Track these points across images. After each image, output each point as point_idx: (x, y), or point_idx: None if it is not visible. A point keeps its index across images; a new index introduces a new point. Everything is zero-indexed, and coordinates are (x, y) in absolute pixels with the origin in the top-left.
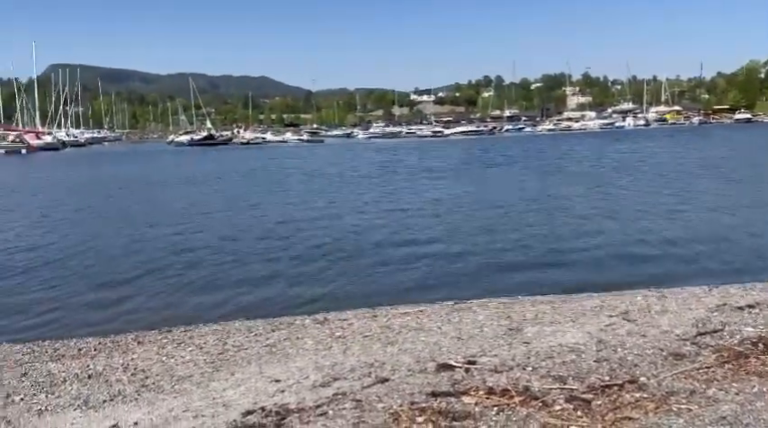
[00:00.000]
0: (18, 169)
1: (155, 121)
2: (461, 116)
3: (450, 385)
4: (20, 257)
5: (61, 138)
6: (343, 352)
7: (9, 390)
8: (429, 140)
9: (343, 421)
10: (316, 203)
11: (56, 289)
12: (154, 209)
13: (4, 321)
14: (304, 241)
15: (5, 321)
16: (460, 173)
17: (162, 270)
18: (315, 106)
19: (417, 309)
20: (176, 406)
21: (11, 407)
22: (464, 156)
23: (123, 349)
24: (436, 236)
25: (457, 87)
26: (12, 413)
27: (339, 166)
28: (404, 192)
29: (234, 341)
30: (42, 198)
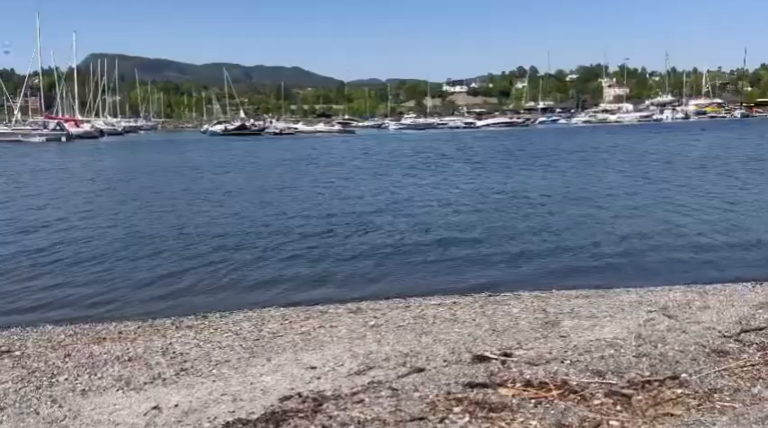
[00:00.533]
0: (61, 156)
1: (189, 111)
2: (494, 107)
3: (486, 376)
4: (66, 242)
5: (99, 126)
6: (377, 341)
7: (54, 370)
8: (461, 132)
9: (379, 408)
10: (350, 192)
11: (97, 273)
12: (197, 197)
13: (48, 303)
14: (339, 230)
15: (49, 303)
16: (496, 163)
17: (199, 256)
18: (346, 97)
19: (451, 301)
20: (215, 390)
21: (56, 387)
22: (497, 147)
23: (162, 333)
24: (470, 227)
25: (490, 78)
26: (57, 392)
27: (374, 156)
28: (438, 183)
29: (269, 328)
30: (92, 184)
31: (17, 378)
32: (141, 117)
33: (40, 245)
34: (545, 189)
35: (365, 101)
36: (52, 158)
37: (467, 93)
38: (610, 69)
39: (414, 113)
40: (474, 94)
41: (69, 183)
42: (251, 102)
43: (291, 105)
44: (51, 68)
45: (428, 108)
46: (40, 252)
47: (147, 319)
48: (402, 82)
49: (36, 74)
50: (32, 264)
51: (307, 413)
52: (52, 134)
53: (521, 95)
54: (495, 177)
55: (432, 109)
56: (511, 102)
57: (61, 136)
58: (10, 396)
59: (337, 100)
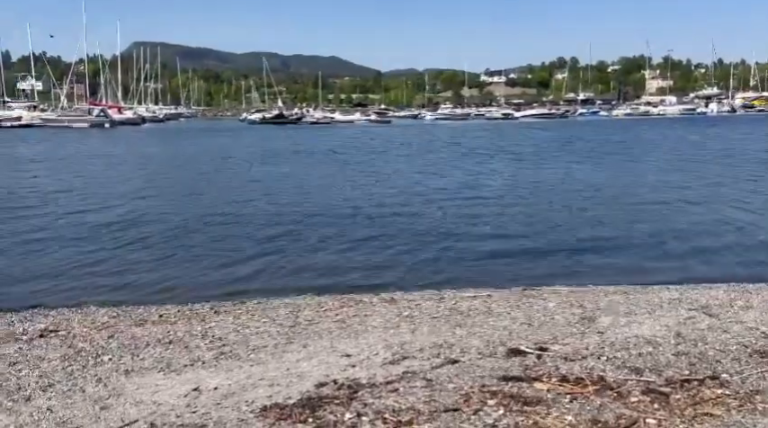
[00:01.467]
0: (106, 143)
1: (228, 99)
2: (533, 98)
3: (521, 370)
4: (111, 227)
5: (141, 113)
6: (411, 331)
7: (98, 350)
8: (498, 123)
9: (414, 398)
10: (387, 183)
11: (138, 256)
12: (243, 184)
13: (92, 285)
14: (374, 220)
15: (93, 285)
16: (538, 155)
17: (238, 243)
18: (383, 86)
19: (485, 294)
20: (253, 374)
21: (101, 367)
22: (537, 138)
23: (201, 317)
24: (507, 220)
25: (529, 69)
26: (102, 371)
27: (410, 146)
28: (477, 175)
29: (305, 315)
30: (139, 170)
31: (64, 357)
32: (182, 104)
33: (85, 230)
34: (585, 183)
35: (402, 91)
36: (97, 144)
37: (505, 84)
38: (653, 61)
39: (451, 104)
40: (512, 85)
41: (117, 169)
42: (289, 91)
43: (328, 94)
44: (96, 56)
45: (465, 98)
46: (85, 236)
47: (187, 303)
48: (439, 72)
49: (81, 61)
50: (77, 248)
51: (342, 399)
52: (96, 120)
53: (561, 86)
54: (536, 169)
55: (469, 99)
56: (550, 94)
57: (105, 122)
58: (58, 374)
59: (374, 89)
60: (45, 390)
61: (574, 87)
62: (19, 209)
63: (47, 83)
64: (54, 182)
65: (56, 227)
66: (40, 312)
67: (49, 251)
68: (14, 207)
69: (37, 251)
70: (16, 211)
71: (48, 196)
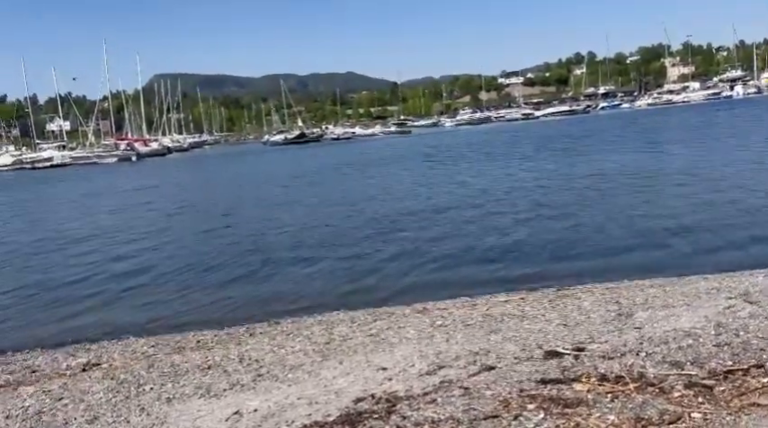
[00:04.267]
0: (133, 176)
1: (249, 123)
2: (553, 96)
3: (559, 372)
4: (144, 256)
5: (166, 143)
6: (446, 340)
7: (140, 380)
8: (519, 124)
9: (452, 408)
10: (415, 190)
11: (173, 285)
12: (269, 203)
13: (130, 316)
14: (398, 229)
15: (131, 316)
16: (560, 152)
17: (269, 263)
18: (401, 97)
19: (518, 297)
20: (291, 394)
21: (143, 396)
22: (558, 136)
23: (237, 340)
24: (534, 219)
25: (546, 67)
26: (144, 401)
27: (433, 155)
28: (502, 175)
29: (339, 331)
30: (169, 199)
31: (108, 389)
32: (205, 132)
33: (119, 261)
34: (609, 177)
35: (419, 100)
36: (124, 178)
37: (523, 84)
38: (672, 48)
39: (469, 108)
40: (530, 85)
41: (146, 200)
42: (308, 110)
43: (347, 110)
44: (119, 91)
45: (484, 102)
46: (120, 267)
47: (223, 327)
48: (456, 78)
49: (105, 98)
50: (114, 279)
51: (381, 414)
52: (123, 154)
53: (580, 82)
54: (555, 165)
55: (487, 102)
56: (570, 90)
57: (131, 155)
58: (103, 407)
59: (392, 101)
60: (91, 423)
61: (593, 82)
62: (61, 245)
63: (74, 122)
64: (89, 218)
65: (93, 263)
66: (82, 346)
67: (89, 285)
68: (59, 244)
69: (78, 286)
70: (61, 248)
71: (83, 232)
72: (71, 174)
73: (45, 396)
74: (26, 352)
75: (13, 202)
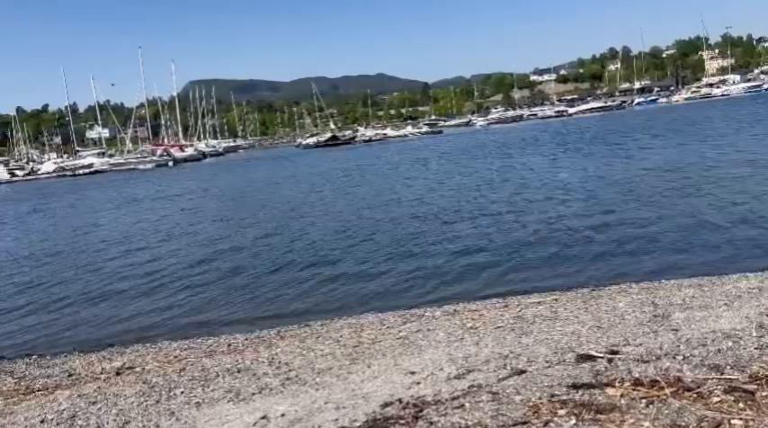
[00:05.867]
0: (170, 181)
1: (282, 127)
2: (586, 93)
3: (592, 376)
4: (178, 260)
5: (202, 149)
6: (475, 343)
7: (171, 384)
8: (552, 121)
9: (480, 413)
10: (439, 192)
11: (208, 288)
12: (304, 206)
13: (164, 320)
14: (431, 229)
15: (166, 320)
16: (597, 149)
17: (299, 265)
18: (432, 97)
19: (551, 298)
20: (318, 398)
21: (173, 400)
22: (589, 133)
23: (267, 344)
24: (568, 218)
25: (580, 63)
26: (174, 405)
27: (461, 153)
28: (534, 175)
29: (368, 333)
30: (208, 204)
31: (140, 393)
32: (239, 137)
33: (156, 266)
34: (647, 173)
35: (451, 99)
36: (162, 183)
37: (556, 81)
38: (711, 40)
39: (501, 107)
40: (564, 82)
41: (186, 205)
42: (339, 112)
43: (378, 112)
44: (155, 98)
45: (516, 100)
46: (155, 271)
47: (254, 330)
48: (487, 76)
49: (142, 105)
50: (151, 283)
51: (407, 419)
52: (160, 160)
53: (614, 77)
54: (595, 164)
55: (520, 101)
56: (604, 86)
57: (168, 161)
58: (134, 410)
59: (423, 101)
60: (122, 427)
61: (628, 77)
62: (101, 250)
63: (112, 129)
64: (130, 223)
65: (133, 267)
66: (117, 350)
67: (128, 290)
68: (99, 249)
69: (117, 290)
70: (101, 253)
71: (123, 237)
72: (111, 180)
73: (80, 399)
74: (64, 355)
75: (56, 208)
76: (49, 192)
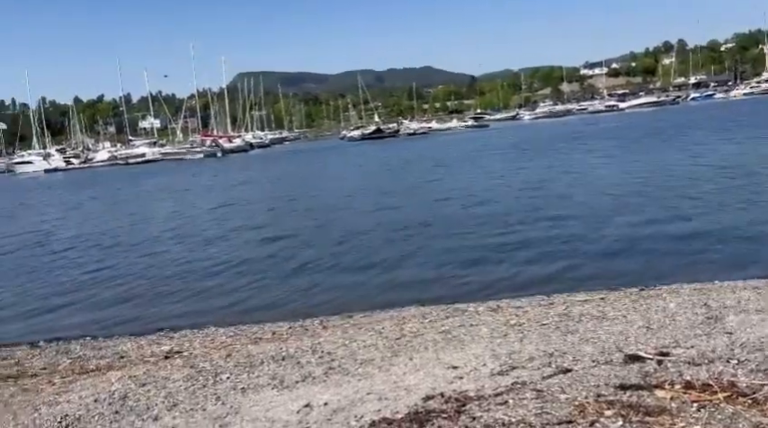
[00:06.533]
0: (224, 170)
1: (327, 119)
2: (639, 87)
3: (640, 377)
4: (231, 248)
5: (249, 140)
6: (519, 340)
7: (217, 369)
8: (603, 116)
9: (524, 410)
10: (486, 185)
11: (255, 277)
12: (353, 197)
13: (212, 307)
14: (474, 224)
15: (213, 307)
16: (649, 144)
17: (343, 257)
18: (478, 91)
19: (598, 296)
20: (361, 388)
21: (220, 385)
22: (645, 128)
23: (311, 333)
24: (619, 214)
25: (633, 57)
26: (220, 390)
27: (519, 148)
28: (586, 169)
29: (410, 326)
30: (255, 194)
31: (187, 377)
32: (285, 128)
33: (205, 252)
34: (705, 170)
35: (497, 93)
36: (213, 173)
37: (607, 75)
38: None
39: (549, 101)
40: (615, 75)
41: (238, 195)
42: (384, 105)
43: (423, 104)
44: (205, 90)
45: (565, 94)
46: (205, 258)
47: (298, 320)
48: (536, 69)
49: (192, 96)
50: (199, 270)
51: (450, 413)
52: (209, 150)
53: (668, 72)
54: (649, 159)
55: (569, 94)
56: (657, 80)
57: (217, 151)
58: (182, 393)
59: (469, 95)
60: (170, 410)
61: (683, 71)
62: (154, 237)
63: (164, 119)
64: (183, 212)
65: (183, 254)
66: (166, 335)
67: (177, 276)
68: (151, 237)
69: (167, 276)
70: (154, 240)
71: (174, 225)
72: (162, 169)
73: (130, 381)
74: (115, 338)
75: (114, 196)
76: (104, 180)
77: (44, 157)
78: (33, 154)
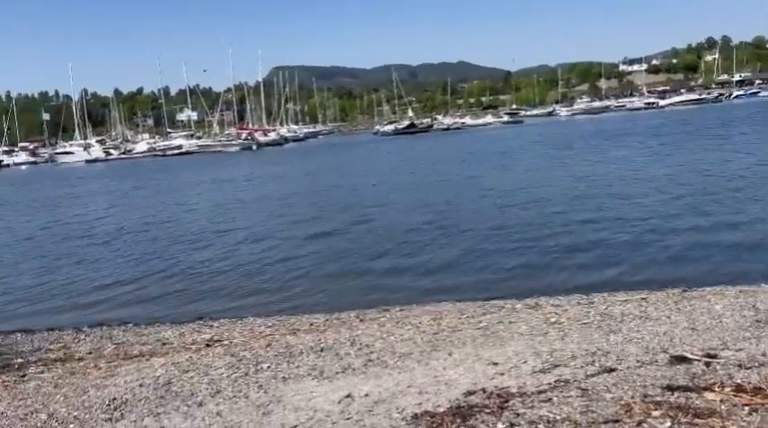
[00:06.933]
0: (260, 163)
1: (361, 113)
2: (679, 84)
3: (688, 379)
4: (266, 242)
5: (283, 133)
6: (560, 338)
7: (258, 359)
8: (642, 113)
9: (569, 408)
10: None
11: (290, 269)
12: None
13: (249, 297)
14: (516, 222)
15: (251, 297)
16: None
17: (380, 251)
18: (513, 86)
19: (639, 297)
20: (401, 381)
21: (261, 374)
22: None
23: (348, 325)
24: (661, 216)
25: (674, 53)
26: (262, 378)
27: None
28: (619, 169)
29: (447, 322)
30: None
31: (229, 365)
32: (319, 123)
33: (244, 244)
34: (752, 169)
35: (533, 88)
36: (250, 166)
37: (647, 72)
38: None
39: (586, 97)
40: (655, 72)
41: (278, 188)
42: (418, 100)
43: (458, 100)
44: (241, 84)
45: (603, 90)
46: (244, 249)
47: (333, 312)
48: (573, 65)
49: (229, 90)
50: (238, 261)
51: (493, 409)
52: (245, 143)
53: (711, 69)
54: (694, 158)
55: (607, 91)
56: (699, 77)
57: (252, 145)
58: (224, 381)
59: (504, 90)
60: (214, 396)
61: (727, 68)
62: (195, 227)
63: (201, 112)
64: (223, 203)
65: (219, 244)
66: (206, 324)
67: (215, 266)
68: (191, 226)
69: (205, 266)
70: (197, 230)
71: (216, 217)
72: (199, 161)
73: (173, 367)
74: (157, 325)
75: (156, 186)
76: (145, 171)
77: (84, 148)
78: (75, 144)
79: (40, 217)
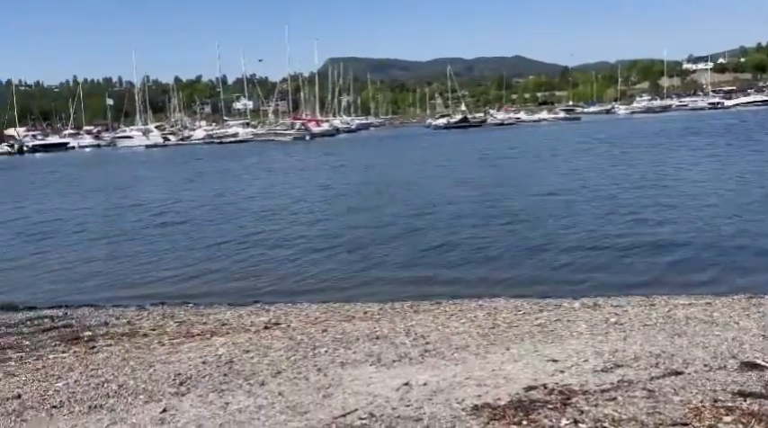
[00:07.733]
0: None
1: (413, 106)
2: (748, 84)
3: (761, 386)
4: (328, 229)
5: (336, 124)
6: (622, 339)
7: (315, 343)
8: (704, 114)
9: (635, 409)
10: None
11: (344, 257)
12: (449, 186)
13: (304, 283)
14: (572, 220)
15: (305, 283)
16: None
17: (436, 243)
18: (571, 82)
19: (703, 301)
20: (458, 373)
21: (319, 358)
22: None
23: (402, 315)
24: (724, 218)
25: (742, 51)
26: (320, 362)
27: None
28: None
29: (503, 317)
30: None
31: (287, 348)
32: (372, 114)
33: (302, 233)
34: None
35: (591, 85)
36: (302, 155)
37: (712, 70)
38: None
39: (647, 95)
40: (721, 71)
41: (337, 177)
42: (471, 94)
43: (512, 95)
44: (296, 74)
45: (664, 89)
46: (300, 236)
47: (387, 301)
48: (634, 62)
49: (285, 80)
50: (295, 248)
51: (556, 405)
52: (298, 133)
53: None
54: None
55: (669, 89)
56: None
57: (305, 135)
58: (284, 362)
59: (560, 86)
60: (275, 376)
61: None
62: (259, 213)
63: (256, 101)
64: (282, 190)
65: (276, 231)
66: (262, 307)
67: (273, 251)
68: (257, 212)
69: (262, 250)
70: (258, 215)
71: (275, 203)
72: (254, 149)
73: (234, 347)
74: (216, 306)
75: (220, 174)
76: (203, 157)
77: (144, 133)
78: (134, 129)
79: (104, 199)
